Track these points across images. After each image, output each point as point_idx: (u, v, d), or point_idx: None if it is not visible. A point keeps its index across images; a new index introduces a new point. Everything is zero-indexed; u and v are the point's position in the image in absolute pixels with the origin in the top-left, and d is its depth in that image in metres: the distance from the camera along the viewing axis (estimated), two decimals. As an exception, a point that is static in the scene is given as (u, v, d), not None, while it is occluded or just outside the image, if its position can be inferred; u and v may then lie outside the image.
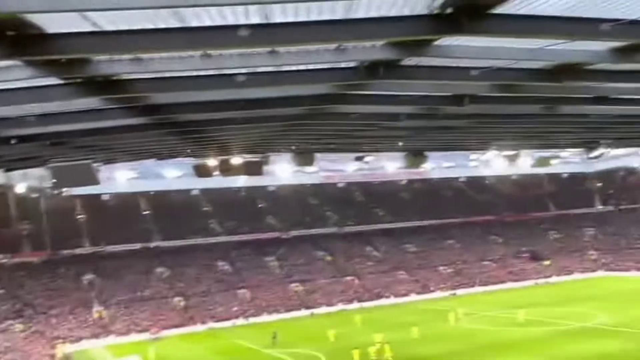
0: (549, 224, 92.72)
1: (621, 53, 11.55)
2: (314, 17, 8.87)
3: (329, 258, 79.49)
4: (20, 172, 57.06)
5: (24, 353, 42.09)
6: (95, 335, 57.86)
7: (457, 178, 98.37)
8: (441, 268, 78.91)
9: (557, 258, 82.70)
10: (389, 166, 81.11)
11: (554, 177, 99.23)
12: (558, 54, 11.51)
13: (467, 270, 78.62)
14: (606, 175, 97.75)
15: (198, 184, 78.17)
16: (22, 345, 46.69)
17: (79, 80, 11.19)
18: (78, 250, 71.48)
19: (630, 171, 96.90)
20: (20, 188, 65.83)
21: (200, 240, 77.68)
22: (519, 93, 15.43)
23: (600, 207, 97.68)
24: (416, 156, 27.88)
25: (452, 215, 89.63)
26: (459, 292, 71.66)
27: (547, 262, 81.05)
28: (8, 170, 26.59)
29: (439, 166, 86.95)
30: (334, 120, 18.91)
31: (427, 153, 28.49)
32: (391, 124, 19.58)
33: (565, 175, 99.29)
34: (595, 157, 29.56)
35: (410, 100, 16.03)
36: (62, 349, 50.33)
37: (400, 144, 26.18)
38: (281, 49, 10.30)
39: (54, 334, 56.00)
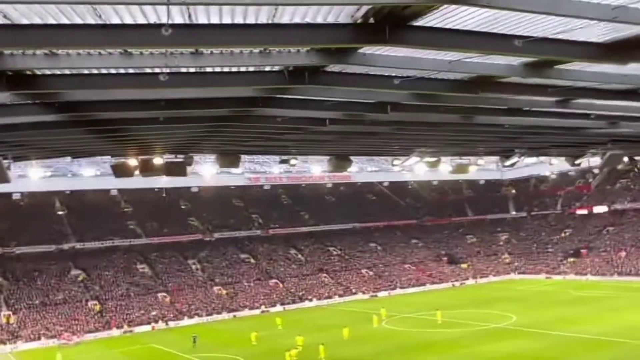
0: (466, 228, 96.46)
1: (532, 67, 12.22)
2: (238, 20, 8.82)
3: (252, 261, 79.03)
4: None
5: None
6: (2, 341, 54.66)
7: (381, 182, 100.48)
8: (363, 271, 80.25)
9: (474, 261, 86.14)
10: (315, 169, 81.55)
11: (472, 184, 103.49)
12: (474, 66, 12.03)
13: (389, 272, 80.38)
14: (519, 183, 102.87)
15: (117, 184, 75.51)
16: None
17: (-13, 73, 10.58)
18: (-15, 252, 67.41)
19: (541, 179, 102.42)
20: None
21: (118, 242, 75.24)
22: (438, 102, 15.99)
23: (514, 212, 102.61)
24: (341, 160, 28.23)
25: (375, 219, 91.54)
26: (381, 294, 73.13)
27: (464, 265, 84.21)
28: None
29: (363, 170, 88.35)
30: (259, 123, 18.85)
31: (352, 157, 28.96)
32: (317, 129, 19.75)
33: (482, 181, 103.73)
34: (510, 165, 31.08)
35: (335, 106, 16.24)
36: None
37: (325, 149, 26.47)
38: (205, 50, 10.18)
39: (-44, 340, 52.48)
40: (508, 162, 30.18)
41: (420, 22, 9.17)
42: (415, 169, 72.66)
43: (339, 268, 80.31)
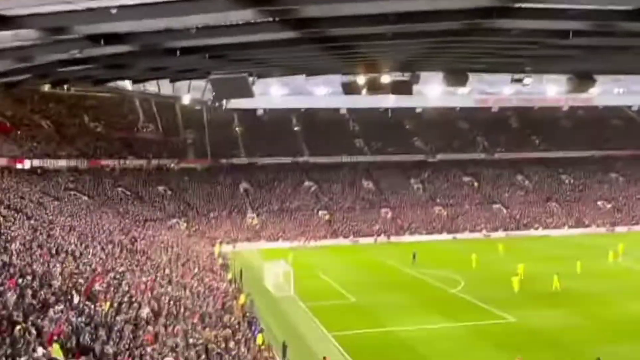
0: None
1: None
2: None
3: (475, 184, 77.44)
4: (185, 84, 61.57)
5: (187, 248, 46.90)
6: (248, 239, 62.72)
7: (628, 106, 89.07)
8: (600, 202, 73.55)
9: None
10: (550, 90, 75.29)
11: None
12: None
13: (630, 206, 72.48)
14: None
15: (346, 103, 79.01)
16: (185, 241, 52.03)
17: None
18: (235, 160, 76.69)
19: None
20: (185, 99, 71.14)
21: (346, 158, 79.32)
22: None
23: None
24: (583, 80, 25.39)
25: (619, 147, 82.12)
26: (618, 229, 66.64)
27: None
28: (173, 80, 28.65)
29: (607, 92, 79.02)
30: (491, 37, 17.66)
31: (595, 76, 25.85)
32: (556, 42, 17.86)
33: None
34: None
35: (580, 15, 14.38)
36: (220, 248, 55.32)
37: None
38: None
39: (213, 234, 61.58)
40: None
41: None
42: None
43: (571, 198, 74.73)
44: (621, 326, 28.58)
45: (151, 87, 61.58)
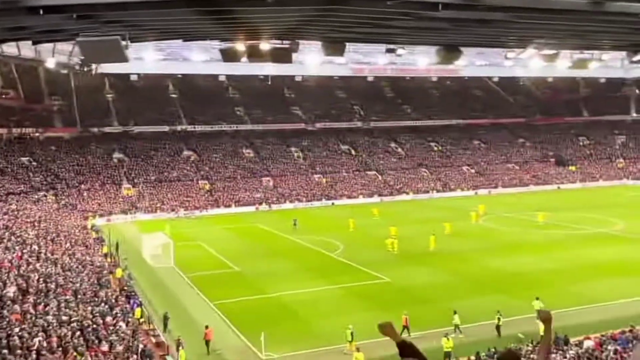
0: (579, 129, 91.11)
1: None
2: None
3: (352, 152, 79.93)
4: (50, 47, 56.94)
5: (56, 223, 44.22)
6: (124, 211, 60.29)
7: (490, 77, 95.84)
8: (464, 168, 79.05)
9: (584, 164, 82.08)
10: (421, 61, 78.90)
11: (591, 82, 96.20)
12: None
13: (491, 171, 78.68)
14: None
15: (225, 70, 77.52)
16: (55, 215, 48.96)
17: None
18: (107, 129, 72.87)
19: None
20: (50, 63, 65.96)
21: (226, 127, 78.37)
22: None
23: (635, 115, 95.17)
24: (450, 52, 26.90)
25: (481, 116, 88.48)
26: (481, 192, 72.20)
27: (573, 168, 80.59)
28: (36, 42, 26.46)
29: (471, 64, 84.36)
30: (368, 7, 18.14)
31: (461, 49, 27.48)
32: (427, 14, 18.73)
33: (603, 80, 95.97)
34: (638, 62, 28.28)
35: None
36: (93, 221, 52.73)
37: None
38: None
39: (85, 207, 58.47)
40: (636, 58, 27.45)
41: None
42: (530, 64, 68.47)
43: (440, 164, 79.58)
44: (482, 280, 31.29)
45: (10, 48, 56.25)
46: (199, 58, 73.44)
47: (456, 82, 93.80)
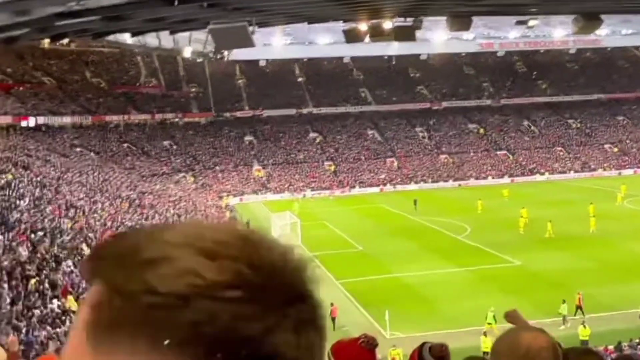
0: None
1: None
2: None
3: (481, 131, 77.07)
4: (186, 36, 60.71)
5: (194, 202, 47.36)
6: (255, 192, 63.15)
7: (636, 47, 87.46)
8: (607, 146, 73.26)
9: None
10: (556, 33, 73.86)
11: None
12: None
13: (637, 149, 72.18)
14: None
15: (349, 52, 77.82)
16: (193, 195, 52.48)
17: None
18: (239, 113, 76.43)
19: None
20: (186, 52, 70.29)
21: (350, 109, 78.86)
22: None
23: None
24: (589, 20, 24.86)
25: (626, 90, 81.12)
26: (625, 172, 66.52)
27: None
28: (173, 32, 28.28)
29: (615, 33, 77.44)
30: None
31: (602, 16, 25.29)
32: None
33: None
34: None
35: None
36: (227, 200, 55.79)
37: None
38: None
39: (219, 187, 62.01)
40: None
41: None
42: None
43: (578, 142, 74.42)
44: (623, 266, 28.93)
45: (152, 39, 60.73)
46: (324, 41, 74.46)
47: (597, 53, 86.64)
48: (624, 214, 42.51)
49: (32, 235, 22.40)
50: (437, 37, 70.63)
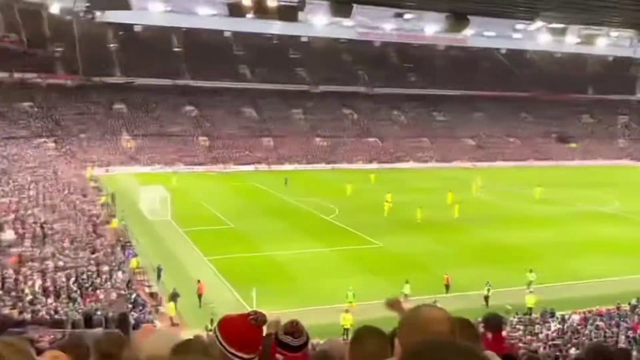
0: (583, 106, 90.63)
1: None
2: None
3: (355, 117, 79.58)
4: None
5: (55, 170, 44.35)
6: (123, 163, 60.42)
7: (497, 49, 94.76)
8: (465, 140, 78.87)
9: (585, 142, 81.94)
10: (428, 29, 77.82)
11: (598, 59, 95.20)
12: None
13: (492, 144, 78.55)
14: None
15: (231, 26, 76.39)
16: (53, 162, 49.06)
17: None
18: (109, 79, 72.27)
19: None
20: (54, 8, 64.93)
21: (229, 84, 77.69)
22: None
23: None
24: (458, 20, 26.54)
25: (486, 88, 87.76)
26: (480, 164, 72.17)
27: (573, 145, 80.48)
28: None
29: (479, 35, 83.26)
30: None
31: (470, 18, 27.11)
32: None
33: (611, 58, 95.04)
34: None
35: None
36: (91, 171, 52.88)
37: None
38: None
39: (84, 156, 58.54)
40: (647, 38, 27.16)
41: None
42: (538, 37, 67.61)
43: (441, 134, 79.38)
44: (475, 251, 31.61)
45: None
46: (205, 12, 72.36)
47: (463, 52, 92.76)
48: (478, 203, 46.23)
49: None
50: (319, 21, 71.41)
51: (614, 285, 25.92)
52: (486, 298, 23.63)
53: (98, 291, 20.36)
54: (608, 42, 34.43)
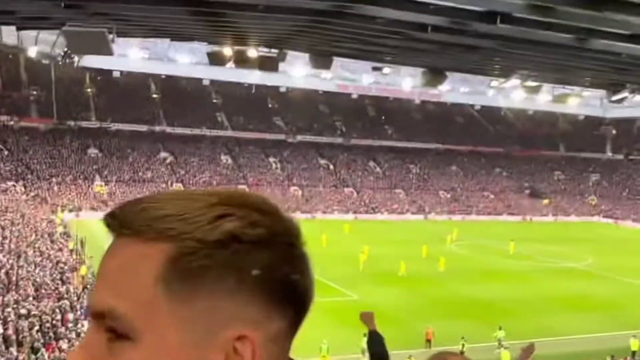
0: (555, 163, 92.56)
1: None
2: None
3: (331, 167, 79.96)
4: (33, 35, 56.05)
5: (23, 214, 43.24)
6: (94, 208, 59.19)
7: (472, 105, 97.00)
8: (441, 192, 79.57)
9: (557, 198, 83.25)
10: (405, 83, 79.55)
11: (570, 118, 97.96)
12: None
13: (466, 197, 79.33)
14: (622, 123, 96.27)
15: (209, 74, 77.01)
16: (22, 207, 47.88)
17: None
18: (84, 123, 71.75)
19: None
20: (31, 52, 64.76)
21: (206, 131, 77.76)
22: (555, 19, 14.69)
23: (610, 154, 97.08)
24: (435, 75, 27.11)
25: (460, 142, 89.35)
26: (455, 217, 72.60)
27: (546, 201, 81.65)
28: (20, 28, 26.02)
29: (455, 90, 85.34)
30: (358, 22, 18.16)
31: (447, 73, 27.73)
32: (416, 35, 18.83)
33: (581, 117, 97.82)
34: (617, 101, 28.80)
35: (440, 11, 15.30)
36: (61, 215, 51.68)
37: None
38: None
39: (55, 201, 57.33)
40: (615, 97, 27.96)
41: None
42: (512, 95, 69.58)
43: (416, 186, 80.00)
44: (450, 305, 31.31)
45: (-9, 33, 55.23)
46: (185, 60, 72.99)
47: (438, 106, 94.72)
48: (452, 256, 46.16)
49: None
50: (298, 72, 72.49)
51: (587, 342, 25.79)
52: (462, 353, 23.21)
53: (61, 341, 19.49)
54: (579, 102, 35.39)
